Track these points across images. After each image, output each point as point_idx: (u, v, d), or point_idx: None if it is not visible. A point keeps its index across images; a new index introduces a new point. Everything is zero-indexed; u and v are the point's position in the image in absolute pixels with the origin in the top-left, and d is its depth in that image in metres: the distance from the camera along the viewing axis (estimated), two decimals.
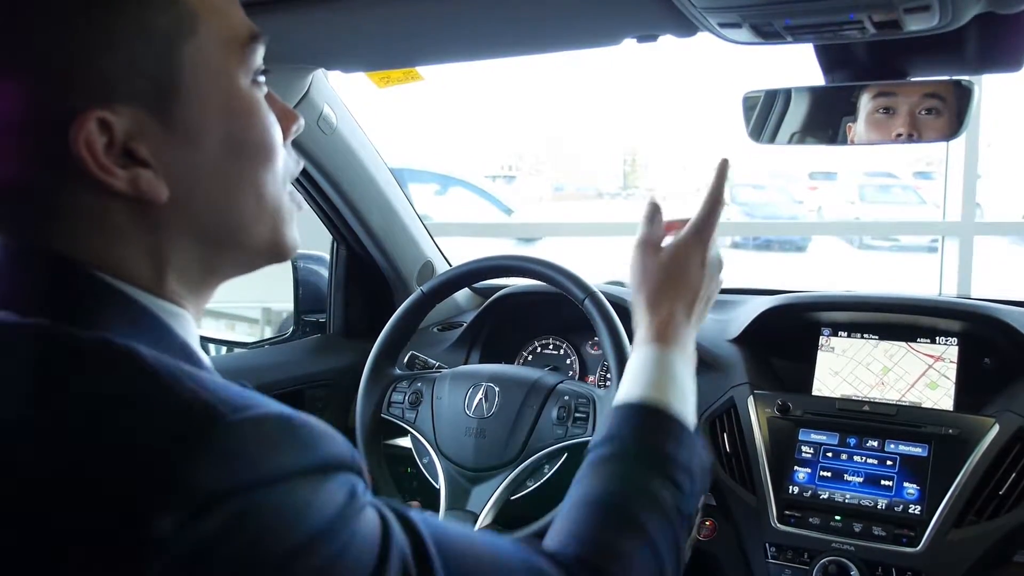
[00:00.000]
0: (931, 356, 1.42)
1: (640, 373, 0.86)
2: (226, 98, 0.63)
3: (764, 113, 1.28)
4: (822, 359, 1.48)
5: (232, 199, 0.65)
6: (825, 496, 1.32)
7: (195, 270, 0.66)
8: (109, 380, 0.55)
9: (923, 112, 1.18)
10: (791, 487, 1.34)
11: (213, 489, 0.50)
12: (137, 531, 0.48)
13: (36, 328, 0.57)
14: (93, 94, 0.57)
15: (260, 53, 0.66)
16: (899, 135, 1.19)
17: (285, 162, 0.69)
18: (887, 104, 1.19)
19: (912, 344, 1.44)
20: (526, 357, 1.75)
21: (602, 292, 1.38)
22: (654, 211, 0.99)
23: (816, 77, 1.23)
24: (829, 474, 1.33)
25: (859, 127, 1.21)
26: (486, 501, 1.32)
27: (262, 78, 0.67)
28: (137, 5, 0.58)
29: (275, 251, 0.70)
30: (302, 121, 0.72)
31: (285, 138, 0.69)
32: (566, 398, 1.36)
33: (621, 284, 1.92)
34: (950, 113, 1.16)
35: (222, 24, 0.63)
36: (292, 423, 0.55)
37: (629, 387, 0.85)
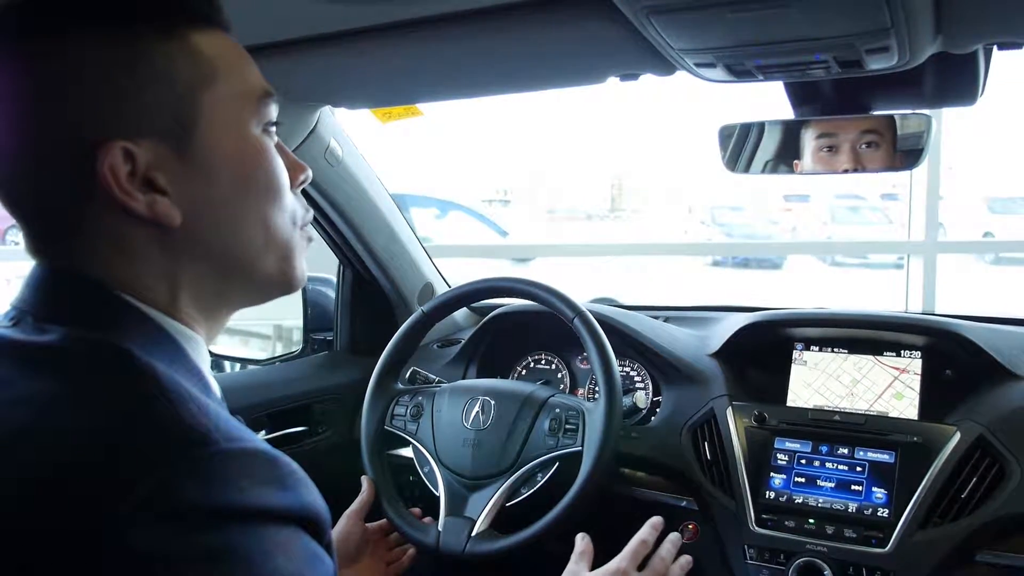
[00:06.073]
0: (897, 369, 1.42)
1: None
2: (238, 141, 0.66)
3: (739, 144, 1.30)
4: (796, 372, 1.48)
5: (241, 230, 0.67)
6: (799, 500, 1.32)
7: (207, 296, 0.68)
8: (125, 391, 0.57)
9: (863, 146, 1.19)
10: (768, 492, 1.34)
11: (195, 505, 0.51)
12: (115, 532, 0.49)
13: (66, 337, 0.59)
14: (120, 127, 0.60)
15: (272, 108, 0.69)
16: (845, 170, 1.21)
17: (293, 204, 0.71)
18: (830, 143, 1.21)
19: (879, 357, 1.44)
20: (520, 372, 1.75)
21: (589, 311, 1.38)
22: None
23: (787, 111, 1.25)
24: (803, 480, 1.33)
25: (806, 162, 1.23)
26: (483, 507, 1.32)
27: (273, 128, 0.70)
28: (163, 58, 0.62)
29: (283, 282, 0.72)
30: (309, 172, 0.75)
31: (293, 186, 0.72)
32: (557, 411, 1.36)
33: (608, 302, 1.93)
34: (888, 144, 1.18)
35: (238, 80, 0.66)
36: (278, 463, 0.57)
37: None
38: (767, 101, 1.27)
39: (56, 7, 0.60)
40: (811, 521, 1.29)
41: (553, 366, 1.73)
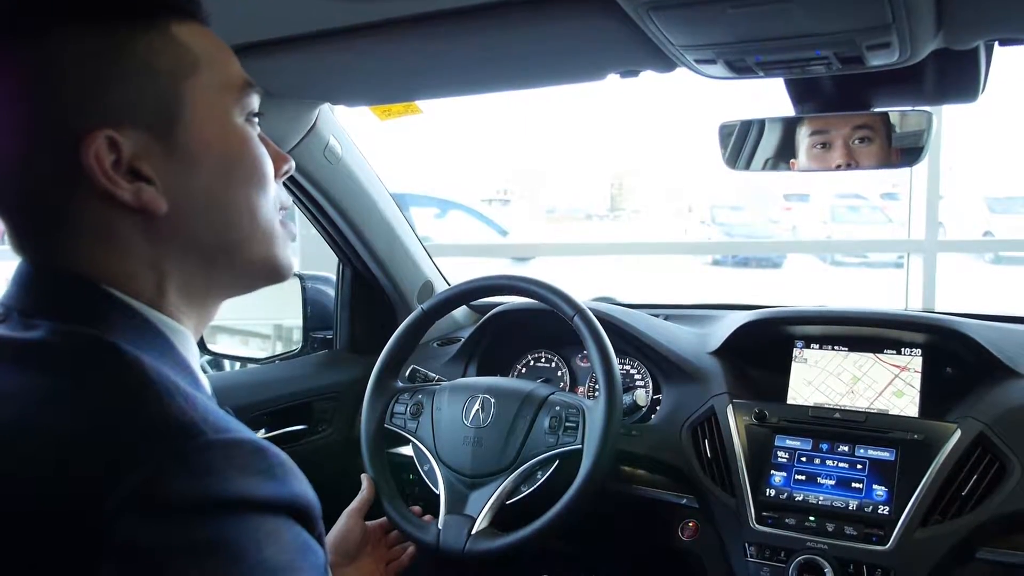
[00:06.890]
0: (897, 366, 1.42)
1: None
2: (221, 129, 0.67)
3: (739, 141, 1.29)
4: (796, 370, 1.48)
5: (226, 217, 0.68)
6: (800, 498, 1.31)
7: (195, 286, 0.68)
8: (112, 384, 0.57)
9: (856, 141, 1.19)
10: (768, 490, 1.34)
11: (184, 497, 0.51)
12: (105, 525, 0.49)
13: (53, 333, 0.60)
14: (104, 117, 0.60)
15: (254, 99, 0.70)
16: (839, 166, 1.20)
17: (277, 192, 0.72)
18: (823, 140, 1.20)
19: (879, 355, 1.44)
20: (520, 370, 1.75)
21: (589, 309, 1.38)
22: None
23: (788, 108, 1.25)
24: (803, 477, 1.33)
25: (801, 160, 1.23)
26: (483, 505, 1.31)
27: (256, 119, 0.71)
28: (146, 50, 0.63)
29: (270, 270, 0.72)
30: (292, 163, 0.75)
31: (276, 176, 0.72)
32: (557, 408, 1.36)
33: (608, 300, 1.93)
34: (882, 140, 1.18)
35: (220, 70, 0.67)
36: (267, 453, 0.56)
37: None
38: (768, 101, 1.28)
39: (38, 3, 0.60)
40: (812, 519, 1.29)
41: (553, 364, 1.73)
